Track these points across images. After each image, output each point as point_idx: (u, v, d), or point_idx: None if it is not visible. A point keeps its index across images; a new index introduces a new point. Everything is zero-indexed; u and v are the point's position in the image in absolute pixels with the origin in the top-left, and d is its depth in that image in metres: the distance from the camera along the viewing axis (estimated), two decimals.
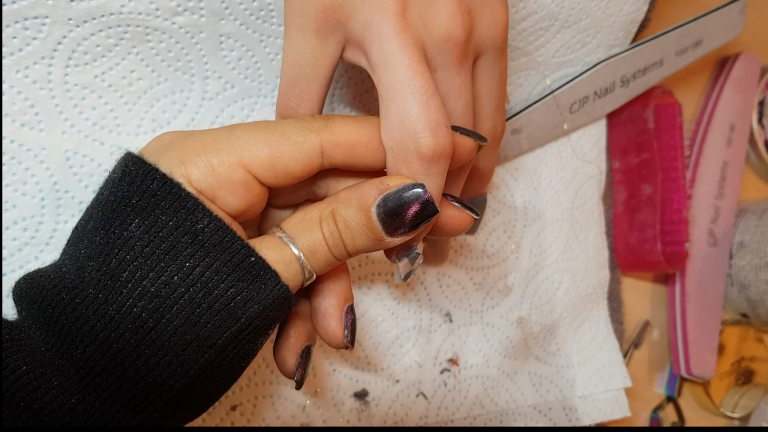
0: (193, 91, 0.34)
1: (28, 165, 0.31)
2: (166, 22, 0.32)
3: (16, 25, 0.29)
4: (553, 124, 0.44)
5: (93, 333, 0.23)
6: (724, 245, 0.53)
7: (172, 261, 0.23)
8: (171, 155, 0.25)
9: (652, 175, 0.49)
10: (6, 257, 0.31)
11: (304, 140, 0.26)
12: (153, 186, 0.24)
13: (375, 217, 0.25)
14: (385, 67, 0.25)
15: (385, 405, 0.40)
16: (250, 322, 0.24)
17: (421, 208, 0.25)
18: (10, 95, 0.30)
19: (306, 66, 0.27)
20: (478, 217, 0.29)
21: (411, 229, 0.25)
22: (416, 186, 0.25)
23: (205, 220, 0.24)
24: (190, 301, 0.23)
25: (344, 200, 0.26)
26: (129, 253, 0.23)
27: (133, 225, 0.24)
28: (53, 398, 0.22)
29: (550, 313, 0.46)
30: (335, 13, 0.26)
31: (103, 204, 0.24)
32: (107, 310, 0.23)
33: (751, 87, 0.55)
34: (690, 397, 0.55)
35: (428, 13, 0.26)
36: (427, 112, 0.25)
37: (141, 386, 0.23)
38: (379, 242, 0.26)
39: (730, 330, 0.55)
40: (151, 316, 0.23)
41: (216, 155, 0.25)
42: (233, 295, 0.24)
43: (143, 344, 0.23)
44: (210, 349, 0.24)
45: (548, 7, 0.41)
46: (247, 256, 0.24)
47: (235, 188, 0.25)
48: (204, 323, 0.23)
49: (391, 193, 0.25)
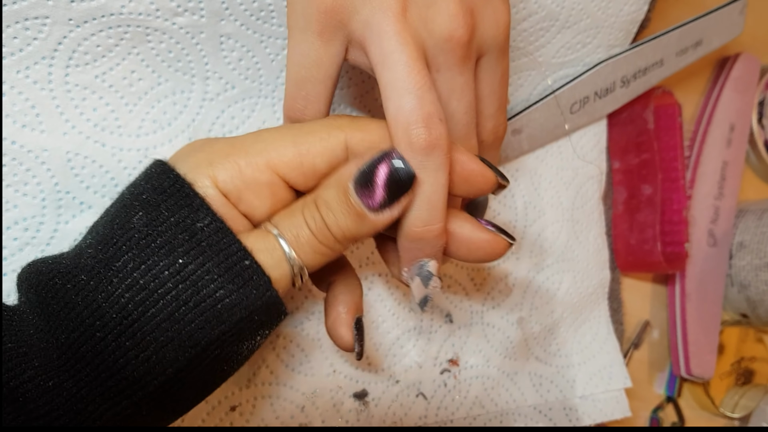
0: (194, 92, 0.34)
1: (29, 166, 0.31)
2: (167, 22, 0.32)
3: (16, 25, 0.29)
4: (554, 124, 0.44)
5: (79, 319, 0.23)
6: (724, 245, 0.53)
7: (165, 256, 0.23)
8: (200, 157, 0.25)
9: (652, 176, 0.49)
10: (7, 257, 0.31)
11: (329, 136, 0.26)
12: (165, 183, 0.24)
13: (352, 191, 0.25)
14: (384, 64, 0.25)
15: (385, 405, 0.40)
16: (234, 325, 0.24)
17: (392, 170, 0.24)
18: (10, 96, 0.30)
19: (311, 68, 0.28)
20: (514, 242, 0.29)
21: (390, 198, 0.25)
22: (386, 150, 0.25)
23: (206, 220, 0.24)
24: (176, 298, 0.23)
25: (324, 184, 0.26)
26: (126, 243, 0.23)
27: (136, 217, 0.24)
28: (30, 378, 0.22)
29: (550, 313, 0.46)
30: (337, 14, 0.26)
31: (119, 200, 0.25)
32: (96, 297, 0.23)
33: (751, 87, 0.55)
34: (690, 398, 0.55)
35: (429, 13, 0.26)
36: (420, 105, 0.25)
37: (117, 378, 0.23)
38: (363, 219, 0.25)
39: (730, 330, 0.55)
40: (136, 308, 0.23)
41: (244, 157, 0.25)
42: (222, 297, 0.23)
43: (124, 336, 0.23)
44: (191, 348, 0.23)
45: (549, 7, 0.41)
46: (242, 259, 0.24)
47: (261, 190, 0.25)
48: (188, 321, 0.23)
49: (365, 164, 0.25)
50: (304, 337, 0.38)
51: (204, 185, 0.25)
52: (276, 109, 0.36)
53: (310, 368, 0.38)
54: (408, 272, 0.28)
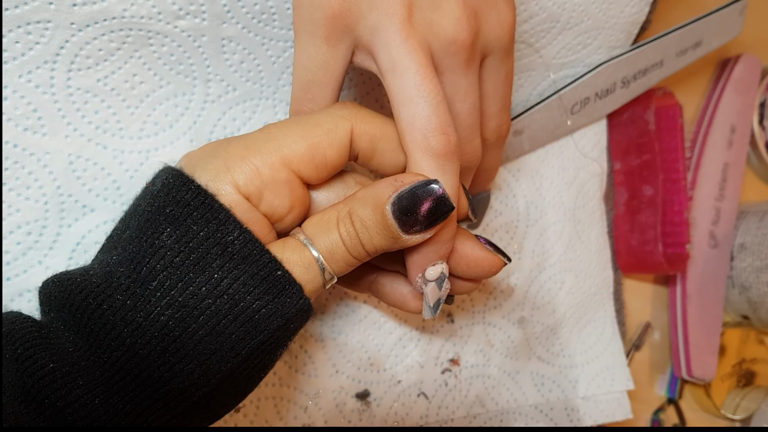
0: (195, 94, 0.34)
1: (32, 169, 0.31)
2: (168, 25, 0.32)
3: (18, 29, 0.29)
4: (555, 125, 0.45)
5: (120, 338, 0.23)
6: (725, 247, 0.53)
7: (201, 272, 0.24)
8: (216, 163, 0.25)
9: (653, 177, 0.49)
10: (10, 261, 0.31)
11: (336, 127, 0.26)
12: (187, 196, 0.24)
13: (390, 215, 0.25)
14: (394, 72, 0.26)
15: (387, 405, 0.40)
16: (272, 334, 0.25)
17: (435, 204, 0.25)
18: (13, 100, 0.30)
19: (318, 71, 0.28)
20: (509, 262, 0.30)
21: (427, 226, 0.26)
22: (430, 182, 0.25)
23: (235, 232, 0.24)
24: (216, 312, 0.24)
25: (360, 199, 0.26)
26: (159, 262, 0.24)
27: (165, 234, 0.24)
28: (77, 397, 0.23)
29: (552, 313, 0.46)
30: (344, 19, 0.26)
31: (140, 214, 0.25)
32: (135, 317, 0.23)
33: (752, 89, 0.55)
34: (691, 399, 0.55)
35: (434, 16, 0.26)
36: (437, 113, 0.26)
37: (163, 392, 0.23)
38: (397, 240, 0.26)
39: (731, 332, 0.55)
40: (178, 325, 0.23)
41: (259, 157, 0.25)
42: (258, 308, 0.24)
43: (168, 352, 0.23)
44: (233, 359, 0.24)
45: (550, 9, 0.41)
46: (274, 269, 0.24)
47: (279, 189, 0.25)
48: (228, 334, 0.24)
49: (405, 190, 0.25)
50: (307, 338, 0.38)
51: (227, 192, 0.25)
52: (277, 110, 0.36)
53: (313, 369, 0.38)
54: (421, 278, 0.28)
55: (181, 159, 0.27)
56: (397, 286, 0.31)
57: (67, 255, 0.32)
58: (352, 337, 0.40)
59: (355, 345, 0.40)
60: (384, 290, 0.31)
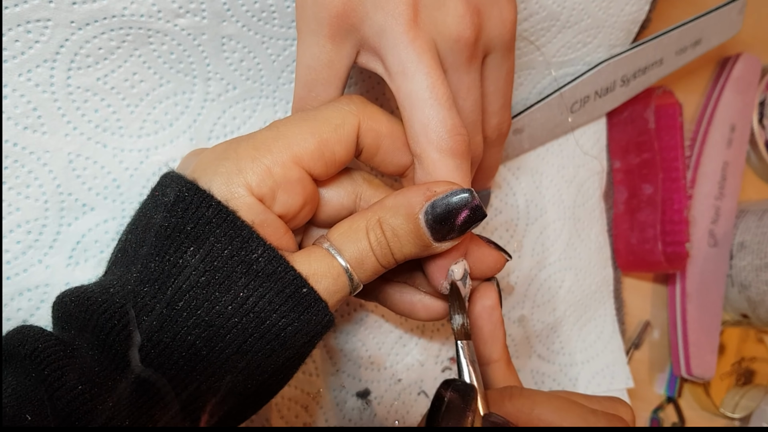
0: (195, 93, 0.34)
1: (31, 168, 0.31)
2: (168, 24, 0.32)
3: (18, 28, 0.29)
4: (555, 123, 0.45)
5: (148, 359, 0.23)
6: (725, 246, 0.53)
7: (226, 291, 0.24)
8: (228, 167, 0.25)
9: (652, 175, 0.49)
10: (10, 260, 0.31)
11: (344, 122, 0.26)
12: (208, 213, 0.24)
13: (423, 224, 0.25)
14: (404, 75, 0.26)
15: (387, 404, 0.40)
16: (299, 350, 0.25)
17: (472, 214, 0.25)
18: (12, 98, 0.30)
19: (322, 70, 0.28)
20: (510, 259, 0.30)
21: (460, 234, 0.26)
22: (464, 191, 0.25)
23: (259, 250, 0.24)
24: (242, 331, 0.23)
25: (391, 208, 0.26)
26: (185, 282, 0.23)
27: (188, 253, 0.24)
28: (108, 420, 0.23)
29: (552, 311, 0.46)
30: (348, 18, 0.26)
31: (157, 229, 0.25)
32: (162, 337, 0.23)
33: (751, 87, 0.55)
34: (690, 398, 0.55)
35: (438, 15, 0.26)
36: (450, 115, 0.26)
37: (190, 410, 0.23)
38: (427, 248, 0.26)
39: (731, 330, 0.55)
40: (205, 345, 0.23)
41: (269, 157, 0.25)
42: (284, 326, 0.24)
43: (196, 371, 0.23)
44: (260, 376, 0.24)
45: (550, 7, 0.41)
46: (300, 287, 0.24)
47: (292, 187, 0.25)
48: (255, 352, 0.24)
49: (438, 200, 0.25)
50: None
51: (241, 195, 0.24)
52: (277, 109, 0.36)
53: (314, 368, 0.38)
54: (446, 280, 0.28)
55: (189, 159, 0.26)
56: (404, 295, 0.31)
57: (67, 254, 0.32)
58: (353, 335, 0.40)
59: (356, 343, 0.40)
60: (392, 300, 0.31)
